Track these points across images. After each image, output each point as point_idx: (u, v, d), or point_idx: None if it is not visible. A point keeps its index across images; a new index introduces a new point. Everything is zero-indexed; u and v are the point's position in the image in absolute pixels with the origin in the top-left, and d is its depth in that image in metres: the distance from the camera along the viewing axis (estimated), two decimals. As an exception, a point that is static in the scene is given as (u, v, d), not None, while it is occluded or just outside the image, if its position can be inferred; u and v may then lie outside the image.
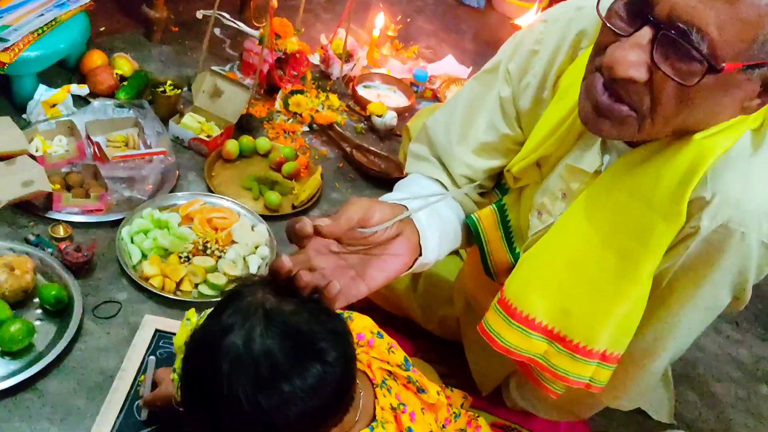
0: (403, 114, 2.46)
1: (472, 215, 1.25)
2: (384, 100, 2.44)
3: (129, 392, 1.38)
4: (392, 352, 1.11)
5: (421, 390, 1.08)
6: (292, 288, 0.85)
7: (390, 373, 1.06)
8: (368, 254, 0.97)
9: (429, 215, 1.10)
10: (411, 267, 1.04)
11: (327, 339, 0.83)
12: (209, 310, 0.87)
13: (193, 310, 1.24)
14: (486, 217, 1.25)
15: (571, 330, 1.05)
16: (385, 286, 1.48)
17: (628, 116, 0.89)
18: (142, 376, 1.40)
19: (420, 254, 1.04)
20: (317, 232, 0.89)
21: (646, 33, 0.83)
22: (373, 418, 0.98)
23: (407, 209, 1.02)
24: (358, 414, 0.96)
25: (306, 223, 0.88)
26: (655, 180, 0.95)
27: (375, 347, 1.11)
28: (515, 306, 1.08)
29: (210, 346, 0.82)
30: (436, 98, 2.63)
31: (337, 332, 0.86)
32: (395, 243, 0.99)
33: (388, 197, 1.07)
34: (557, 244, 1.07)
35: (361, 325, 1.14)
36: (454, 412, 1.21)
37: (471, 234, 1.25)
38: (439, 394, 1.12)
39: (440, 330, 1.60)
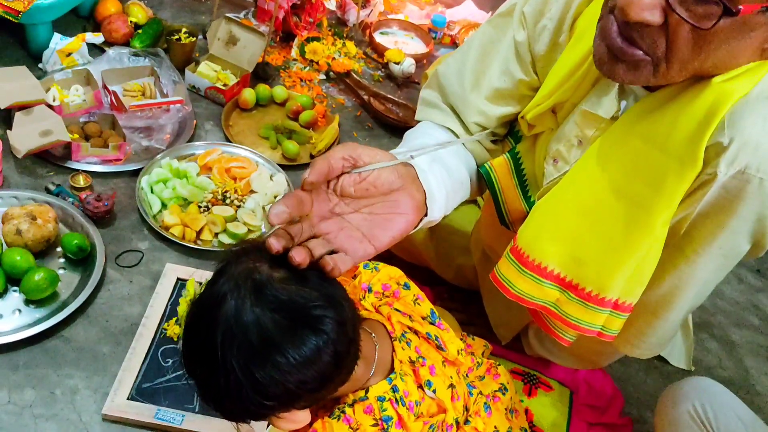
0: (421, 61, 2.42)
1: (485, 164, 1.23)
2: (401, 47, 2.40)
3: (153, 339, 1.40)
4: (418, 303, 1.10)
5: (440, 347, 1.08)
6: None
7: (410, 328, 1.06)
8: (373, 215, 0.95)
9: (437, 170, 1.08)
10: (417, 226, 1.02)
11: (321, 306, 0.81)
12: (208, 280, 0.86)
13: (192, 280, 1.23)
14: (499, 165, 1.23)
15: (584, 278, 1.04)
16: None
17: (642, 60, 0.87)
18: (166, 324, 1.42)
19: (426, 214, 1.02)
20: (303, 187, 0.87)
21: None
22: (392, 370, 0.98)
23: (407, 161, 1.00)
24: (372, 368, 0.96)
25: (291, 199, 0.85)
26: (671, 125, 0.92)
27: (401, 298, 1.10)
28: (527, 254, 1.07)
29: (204, 317, 0.81)
30: (454, 44, 2.58)
31: (332, 297, 0.83)
32: (400, 202, 0.96)
33: (394, 152, 1.04)
34: (570, 191, 1.05)
35: (387, 275, 1.13)
36: (477, 362, 1.22)
37: (484, 182, 1.24)
38: (459, 353, 1.10)
39: (458, 279, 1.60)
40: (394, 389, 0.96)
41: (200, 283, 1.25)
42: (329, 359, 0.81)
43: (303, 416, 0.88)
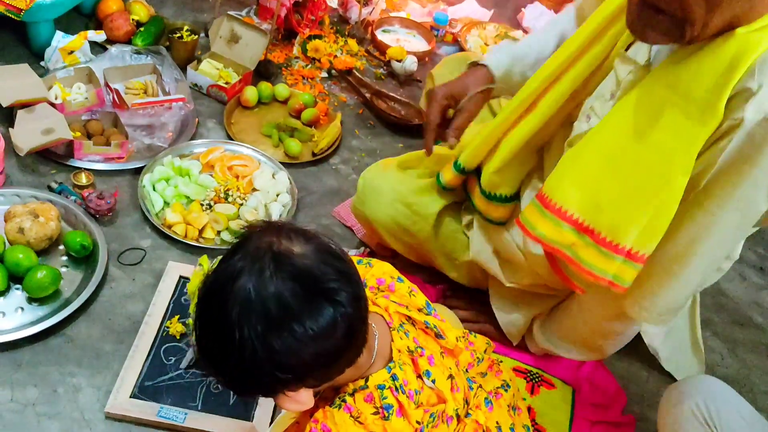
0: (423, 59, 2.41)
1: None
2: (404, 45, 2.40)
3: (156, 337, 1.40)
4: (413, 295, 1.10)
5: (439, 335, 1.08)
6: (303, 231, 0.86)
7: (408, 318, 1.07)
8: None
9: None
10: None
11: (337, 279, 0.83)
12: (221, 256, 0.87)
13: (205, 256, 1.24)
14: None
15: (601, 224, 1.08)
16: (407, 234, 1.50)
17: (668, 25, 0.95)
18: (168, 322, 1.43)
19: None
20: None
21: None
22: (390, 360, 0.99)
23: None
24: (373, 356, 0.97)
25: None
26: (695, 73, 0.98)
27: (395, 291, 1.11)
28: (550, 198, 1.13)
29: (220, 291, 0.82)
30: (456, 42, 2.58)
31: (346, 273, 0.85)
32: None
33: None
34: (597, 139, 1.11)
35: (381, 270, 1.14)
36: (477, 357, 1.22)
37: None
38: (458, 340, 1.12)
39: (462, 277, 1.60)
40: (394, 378, 0.96)
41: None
42: (343, 333, 0.83)
43: (308, 398, 0.89)
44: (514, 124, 1.30)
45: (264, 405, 1.34)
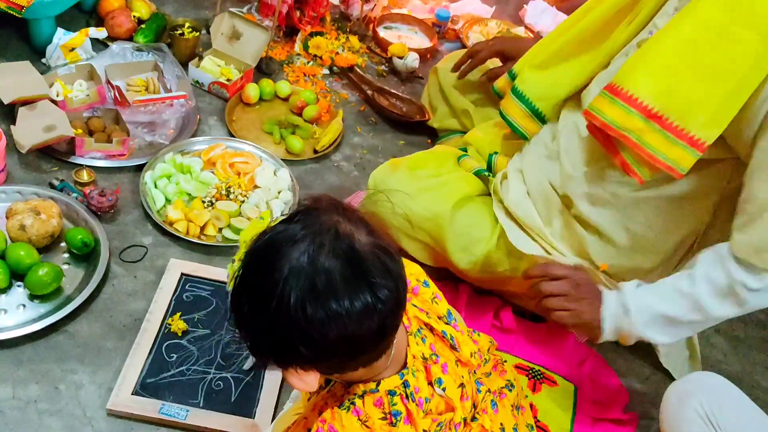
0: (425, 55, 2.41)
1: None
2: (405, 42, 2.39)
3: (157, 334, 1.40)
4: (436, 302, 1.10)
5: (454, 348, 1.08)
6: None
7: (426, 324, 1.06)
8: None
9: None
10: None
11: (384, 277, 0.84)
12: (282, 217, 0.89)
13: (269, 211, 1.23)
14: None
15: (670, 109, 1.15)
16: (421, 231, 1.54)
17: None
18: (170, 319, 1.43)
19: None
20: None
21: None
22: (404, 366, 0.98)
23: None
24: (390, 359, 0.97)
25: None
26: None
27: (419, 295, 1.10)
28: (621, 86, 1.20)
29: (277, 248, 0.84)
30: (458, 39, 2.57)
31: (395, 274, 0.87)
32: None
33: None
34: (673, 29, 1.17)
35: (408, 272, 1.13)
36: (485, 359, 1.21)
37: None
38: (472, 356, 1.11)
39: (476, 272, 1.58)
40: (405, 384, 0.96)
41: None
42: (373, 327, 0.84)
43: (314, 382, 0.90)
44: (569, 28, 1.48)
45: (265, 402, 1.34)
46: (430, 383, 1.00)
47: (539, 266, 1.35)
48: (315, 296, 0.81)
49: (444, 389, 1.00)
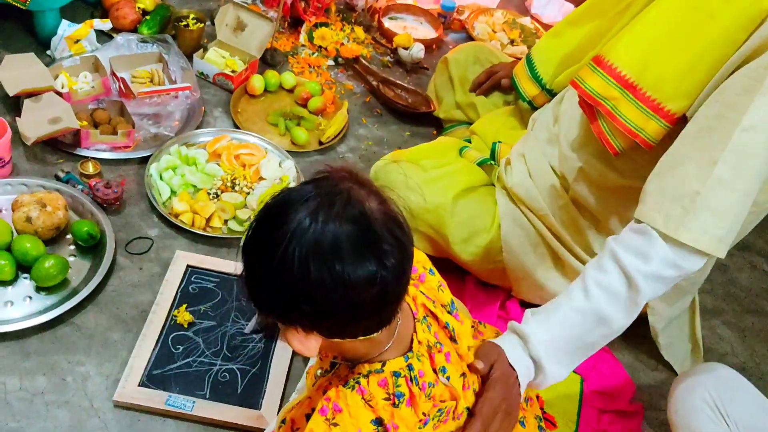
0: (431, 46, 2.40)
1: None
2: (410, 32, 2.38)
3: (163, 326, 1.40)
4: (441, 290, 1.10)
5: (453, 339, 1.08)
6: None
7: (431, 312, 1.06)
8: None
9: None
10: None
11: (392, 246, 0.84)
12: (303, 182, 0.90)
13: (287, 175, 1.23)
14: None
15: (644, 79, 1.19)
16: (422, 223, 1.52)
17: None
18: (176, 311, 1.43)
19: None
20: None
21: None
22: (409, 349, 0.98)
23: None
24: (392, 340, 0.97)
25: None
26: None
27: (425, 282, 1.10)
28: (604, 57, 1.24)
29: (287, 205, 0.85)
30: (464, 29, 2.56)
31: (403, 244, 0.87)
32: None
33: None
34: (658, 2, 1.21)
35: (414, 259, 1.14)
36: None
37: None
38: (469, 350, 1.11)
39: (477, 263, 1.58)
40: (410, 367, 0.96)
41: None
42: (375, 294, 0.84)
43: (314, 346, 0.91)
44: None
45: (272, 394, 1.34)
46: (434, 370, 1.00)
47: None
48: (319, 255, 0.81)
49: (448, 378, 1.00)
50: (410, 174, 1.54)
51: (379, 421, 0.94)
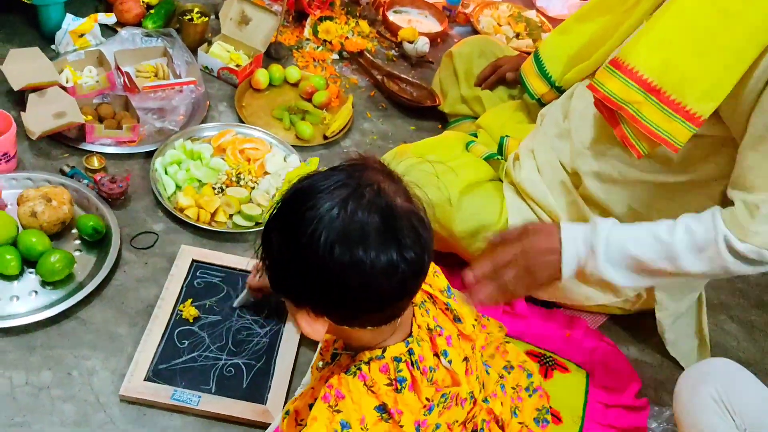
0: (435, 40, 2.39)
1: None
2: (415, 26, 2.37)
3: (169, 320, 1.40)
4: (436, 275, 1.11)
5: (457, 319, 1.09)
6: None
7: (430, 296, 1.07)
8: None
9: None
10: None
11: (414, 241, 0.86)
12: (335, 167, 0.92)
13: (317, 158, 1.25)
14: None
15: (667, 82, 1.17)
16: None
17: None
18: (181, 305, 1.43)
19: None
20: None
21: None
22: (409, 334, 0.99)
23: None
24: (395, 327, 0.98)
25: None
26: None
27: None
28: (622, 60, 1.22)
29: (318, 189, 0.86)
30: (469, 23, 2.55)
31: (425, 241, 0.88)
32: None
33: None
34: (675, 3, 1.18)
35: None
36: (490, 342, 1.21)
37: None
38: (474, 327, 1.11)
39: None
40: (410, 352, 0.97)
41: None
42: (393, 285, 0.86)
43: (322, 330, 0.91)
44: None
45: (277, 388, 1.35)
46: (435, 354, 1.01)
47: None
48: (345, 240, 0.82)
49: (450, 362, 1.01)
50: (416, 168, 1.52)
51: (382, 408, 0.95)
